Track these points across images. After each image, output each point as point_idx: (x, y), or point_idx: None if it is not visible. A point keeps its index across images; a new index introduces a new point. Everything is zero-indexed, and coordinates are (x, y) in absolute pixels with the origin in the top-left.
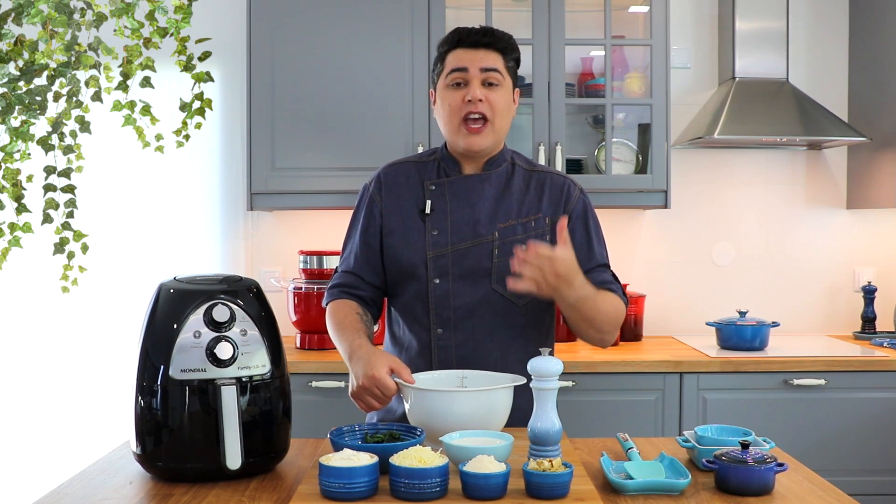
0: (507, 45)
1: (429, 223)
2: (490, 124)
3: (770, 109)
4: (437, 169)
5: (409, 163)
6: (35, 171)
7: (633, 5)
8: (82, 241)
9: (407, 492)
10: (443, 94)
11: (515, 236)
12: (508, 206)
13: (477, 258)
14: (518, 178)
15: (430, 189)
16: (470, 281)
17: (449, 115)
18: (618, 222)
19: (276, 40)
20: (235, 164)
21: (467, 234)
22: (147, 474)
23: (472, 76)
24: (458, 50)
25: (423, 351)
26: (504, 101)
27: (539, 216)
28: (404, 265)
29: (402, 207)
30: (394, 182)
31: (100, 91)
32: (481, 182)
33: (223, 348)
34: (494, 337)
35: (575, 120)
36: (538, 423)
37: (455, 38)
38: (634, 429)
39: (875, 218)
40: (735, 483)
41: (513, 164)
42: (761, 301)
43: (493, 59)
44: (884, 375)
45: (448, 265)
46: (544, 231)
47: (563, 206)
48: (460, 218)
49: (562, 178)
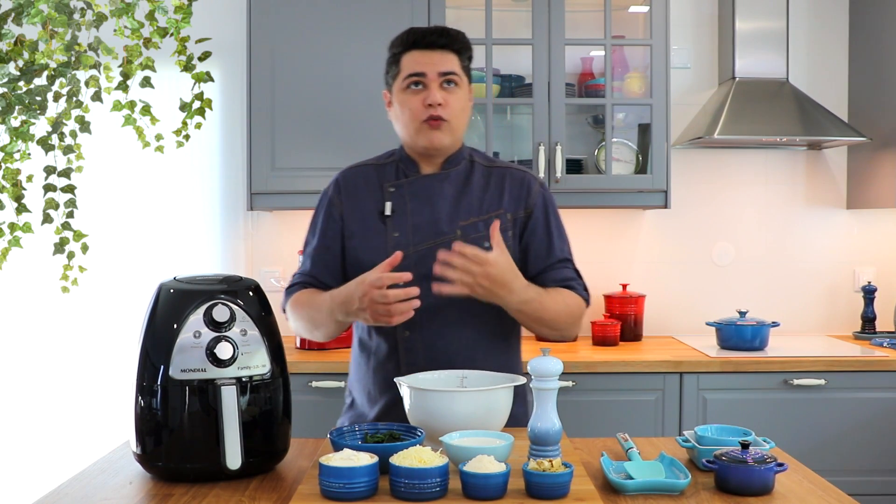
0: (462, 45)
1: (389, 225)
2: (448, 124)
3: (770, 109)
4: (396, 170)
5: (368, 165)
6: (35, 171)
7: (633, 5)
8: (82, 241)
9: (407, 492)
10: (400, 97)
11: (478, 234)
12: (469, 204)
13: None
14: (477, 174)
15: (390, 191)
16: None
17: (409, 118)
18: (618, 222)
19: (276, 40)
20: (235, 164)
21: (429, 234)
22: (147, 474)
23: (431, 80)
24: (413, 52)
25: (391, 354)
26: (461, 102)
27: (501, 212)
28: (366, 268)
29: (362, 210)
30: (353, 185)
31: (100, 91)
32: (440, 181)
33: (223, 348)
34: (461, 335)
35: (575, 120)
36: (538, 423)
37: (410, 39)
38: (634, 429)
39: (875, 218)
40: (735, 483)
41: (471, 161)
42: (761, 301)
43: (450, 61)
44: (884, 375)
45: (411, 266)
46: (506, 227)
47: (525, 201)
48: (421, 218)
49: (521, 172)
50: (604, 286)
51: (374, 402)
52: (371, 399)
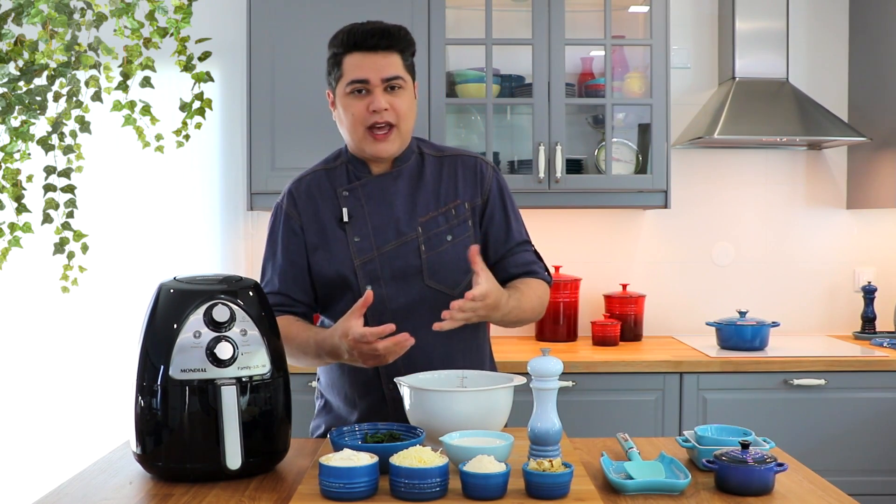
0: (405, 44)
1: (349, 230)
2: (396, 129)
3: (770, 109)
4: (347, 173)
5: (318, 171)
6: (35, 171)
7: (633, 5)
8: (82, 241)
9: (407, 492)
10: (343, 101)
11: (438, 228)
12: (426, 199)
13: (405, 258)
14: (429, 166)
15: (344, 195)
16: (402, 282)
17: (353, 124)
18: (618, 222)
19: (276, 40)
20: (235, 164)
21: (390, 234)
22: (147, 474)
23: (374, 86)
24: (355, 54)
25: None
26: (408, 103)
27: (458, 202)
28: (333, 277)
29: (320, 219)
30: (307, 195)
31: (100, 91)
32: (394, 179)
33: (223, 348)
34: (436, 333)
35: (575, 120)
36: (538, 423)
37: (350, 41)
38: (634, 429)
39: (875, 218)
40: (735, 483)
41: (421, 153)
42: (761, 301)
43: (393, 63)
44: (884, 375)
45: (377, 269)
46: (465, 217)
47: (480, 188)
48: (380, 220)
49: (472, 158)
50: (604, 286)
51: (353, 405)
52: (349, 402)
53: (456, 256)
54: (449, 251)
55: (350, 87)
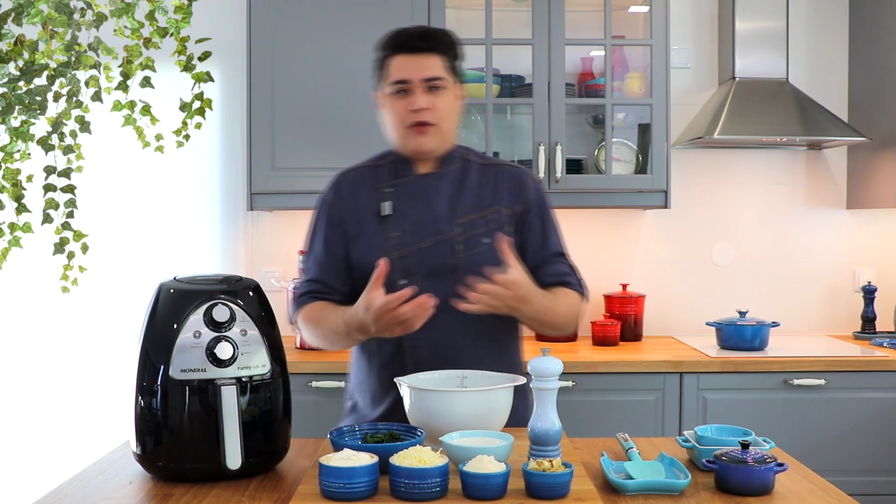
0: (447, 46)
1: (389, 225)
2: (436, 127)
3: (770, 109)
4: (392, 171)
5: (364, 167)
6: (35, 171)
7: (633, 5)
8: (82, 241)
9: (407, 492)
10: (387, 101)
11: (476, 230)
12: (467, 201)
13: (441, 256)
14: (473, 172)
15: (387, 191)
16: (436, 279)
17: (395, 123)
18: (618, 222)
19: (276, 40)
20: (235, 164)
21: (429, 232)
22: (147, 474)
23: (415, 86)
24: (398, 56)
25: (395, 354)
26: (448, 103)
27: (498, 208)
28: (368, 269)
29: (361, 213)
30: (350, 188)
31: (100, 91)
32: (437, 180)
33: (223, 348)
34: (465, 333)
35: (575, 120)
36: (538, 423)
37: (394, 43)
38: (634, 429)
39: (875, 218)
40: (735, 483)
41: (466, 159)
42: (761, 301)
43: (435, 64)
44: (884, 375)
45: (412, 265)
46: (504, 223)
47: (520, 197)
48: (420, 217)
49: (516, 169)
50: (604, 286)
51: (377, 403)
52: (375, 400)
53: (491, 259)
54: (485, 253)
55: (392, 87)
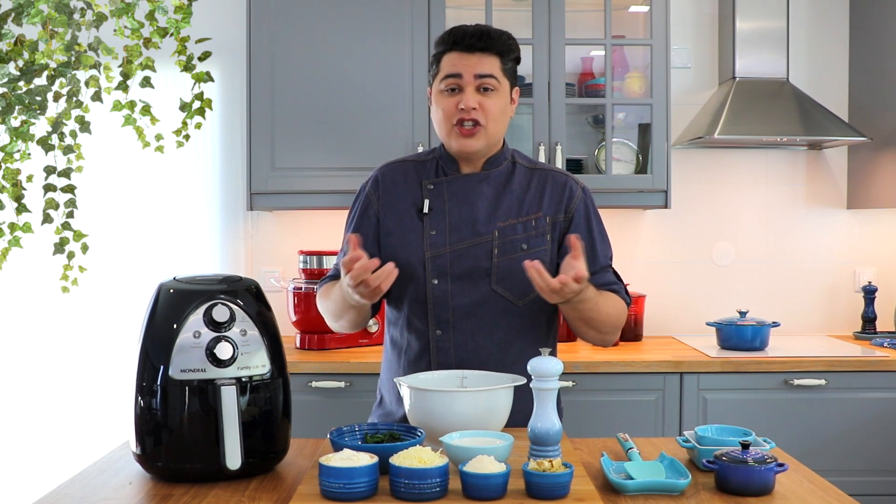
0: (504, 47)
1: (427, 223)
2: (483, 129)
3: (770, 109)
4: (436, 168)
5: (408, 162)
6: (35, 171)
7: (633, 5)
8: (82, 241)
9: (407, 492)
10: (437, 97)
11: (515, 235)
12: (508, 205)
13: (476, 258)
14: (519, 176)
15: (429, 188)
16: (469, 281)
17: (442, 119)
18: (618, 222)
19: (276, 40)
20: (235, 164)
21: (466, 233)
22: (147, 474)
23: (467, 83)
24: (453, 53)
25: (422, 353)
26: (499, 105)
27: (540, 215)
28: (402, 266)
29: (399, 207)
30: (391, 181)
31: (100, 91)
32: (480, 181)
33: (223, 348)
34: (494, 337)
35: (575, 120)
36: (538, 423)
37: (451, 39)
38: (634, 429)
39: (875, 218)
40: (735, 483)
41: (513, 162)
42: (761, 301)
43: (490, 63)
44: (884, 375)
45: (446, 265)
46: (545, 231)
47: (566, 206)
48: (459, 217)
49: (564, 176)
50: None
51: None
52: (400, 397)
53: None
54: (521, 259)
55: (444, 82)
